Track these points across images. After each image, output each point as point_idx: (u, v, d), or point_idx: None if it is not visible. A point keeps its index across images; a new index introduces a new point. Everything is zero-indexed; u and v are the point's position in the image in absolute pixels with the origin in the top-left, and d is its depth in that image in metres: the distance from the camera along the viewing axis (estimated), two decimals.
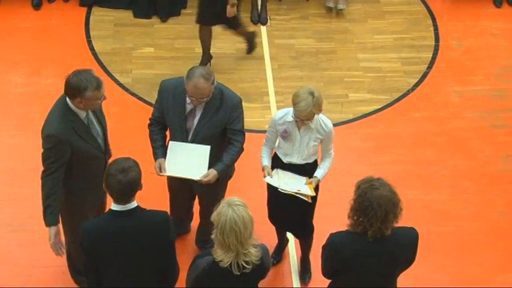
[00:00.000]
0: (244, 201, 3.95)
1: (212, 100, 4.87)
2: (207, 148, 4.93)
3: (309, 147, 5.07)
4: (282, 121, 5.06)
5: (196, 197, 5.55)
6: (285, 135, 5.07)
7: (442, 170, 6.64)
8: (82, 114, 4.64)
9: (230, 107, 4.93)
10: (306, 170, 5.17)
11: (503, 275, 5.78)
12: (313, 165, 5.22)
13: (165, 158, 5.00)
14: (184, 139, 4.97)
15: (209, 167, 4.96)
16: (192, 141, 4.98)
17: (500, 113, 7.22)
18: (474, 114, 7.21)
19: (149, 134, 5.13)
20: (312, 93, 4.82)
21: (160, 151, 5.04)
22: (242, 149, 5.06)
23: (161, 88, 5.03)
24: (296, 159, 5.13)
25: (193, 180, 4.96)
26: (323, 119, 5.05)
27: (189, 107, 4.91)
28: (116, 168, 4.00)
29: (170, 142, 5.00)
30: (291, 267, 5.80)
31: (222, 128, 4.99)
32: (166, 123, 5.04)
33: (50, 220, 4.76)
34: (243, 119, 5.04)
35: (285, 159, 5.18)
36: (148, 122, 5.16)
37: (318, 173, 5.16)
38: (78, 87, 4.46)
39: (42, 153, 4.70)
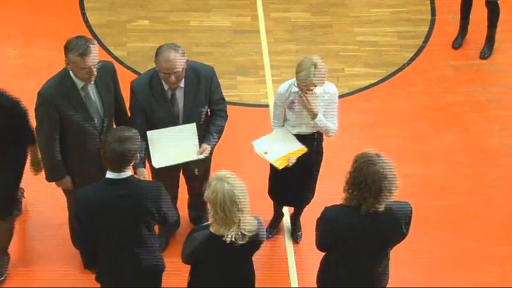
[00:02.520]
0: (231, 172, 3.96)
1: (189, 79, 4.82)
2: (193, 126, 4.87)
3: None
4: (288, 93, 5.04)
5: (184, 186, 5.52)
6: (293, 106, 5.05)
7: (437, 144, 6.65)
8: (79, 84, 4.62)
9: (208, 78, 4.90)
10: (315, 138, 5.19)
11: (496, 248, 5.82)
12: (321, 133, 5.23)
13: (144, 167, 4.84)
14: (176, 124, 4.89)
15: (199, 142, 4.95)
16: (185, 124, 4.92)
17: (495, 87, 7.21)
18: (469, 88, 7.20)
19: None
20: (314, 64, 4.80)
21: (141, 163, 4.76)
22: (227, 117, 5.09)
23: (134, 89, 4.85)
24: (305, 129, 5.12)
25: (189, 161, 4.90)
26: (326, 84, 5.03)
27: (169, 93, 4.83)
28: (113, 136, 4.02)
29: (148, 132, 4.79)
30: (285, 241, 5.82)
31: (208, 102, 4.97)
32: (152, 120, 4.86)
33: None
34: (220, 86, 5.04)
35: (294, 131, 5.17)
36: None
37: (323, 118, 5.04)
38: (67, 46, 4.50)
39: (34, 110, 4.76)
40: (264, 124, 5.96)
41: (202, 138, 5.00)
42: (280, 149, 5.10)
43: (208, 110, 5.06)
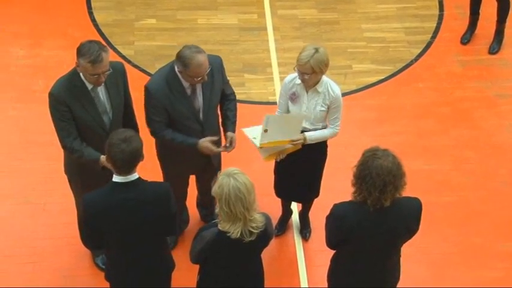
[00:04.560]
0: (241, 170, 3.97)
1: None
2: (303, 116, 4.99)
3: (315, 111, 5.03)
4: (292, 84, 5.04)
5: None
6: (293, 97, 5.05)
7: (445, 140, 6.63)
8: (89, 84, 4.63)
9: (219, 68, 4.96)
10: None
11: (504, 244, 5.81)
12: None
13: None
14: (197, 119, 4.94)
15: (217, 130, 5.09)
16: (205, 118, 4.95)
17: (504, 83, 7.18)
18: (478, 83, 7.17)
19: (164, 138, 4.94)
20: (316, 49, 4.80)
21: (192, 139, 4.95)
22: (235, 97, 5.20)
23: (150, 91, 4.82)
24: (304, 123, 5.11)
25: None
26: (331, 85, 5.01)
27: (189, 90, 4.86)
28: (118, 138, 3.99)
29: (266, 115, 4.93)
30: (294, 238, 5.82)
31: (221, 90, 5.06)
32: (174, 119, 4.90)
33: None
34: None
35: None
36: (157, 135, 4.95)
37: (308, 133, 5.09)
38: (80, 50, 4.51)
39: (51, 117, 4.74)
40: None
41: (217, 127, 5.09)
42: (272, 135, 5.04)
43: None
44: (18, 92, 6.90)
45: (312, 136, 5.09)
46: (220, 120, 5.19)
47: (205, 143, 4.93)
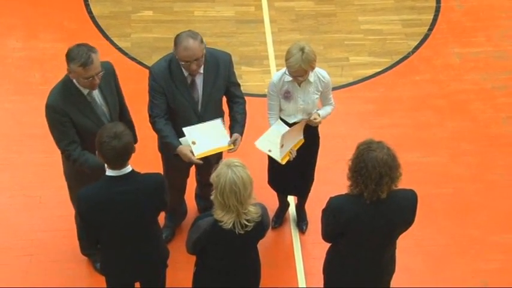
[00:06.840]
0: (243, 162, 3.96)
1: (208, 66, 4.83)
2: (219, 121, 4.92)
3: (311, 100, 5.05)
4: (281, 82, 5.03)
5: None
6: (288, 96, 5.04)
7: (442, 132, 6.63)
8: (84, 90, 4.56)
9: (226, 64, 4.94)
10: (311, 126, 5.16)
11: (501, 235, 5.81)
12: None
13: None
14: (195, 111, 4.92)
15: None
16: (203, 112, 4.93)
17: (501, 75, 7.19)
18: (475, 76, 7.18)
19: (154, 126, 4.90)
20: (302, 49, 4.78)
21: (177, 140, 4.89)
22: (245, 101, 5.13)
23: (154, 74, 4.83)
24: (302, 116, 5.11)
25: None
26: (320, 72, 5.03)
27: (189, 79, 4.85)
28: (108, 135, 3.96)
29: (184, 129, 4.82)
30: (291, 231, 5.82)
31: (225, 87, 5.00)
32: (172, 105, 4.88)
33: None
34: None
35: (291, 120, 5.15)
36: (152, 120, 4.90)
37: (321, 111, 5.14)
38: (68, 55, 4.42)
39: (49, 129, 4.65)
40: None
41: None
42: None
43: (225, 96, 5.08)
44: (14, 85, 6.88)
45: (323, 113, 5.15)
46: (228, 123, 5.14)
47: (185, 149, 4.83)
